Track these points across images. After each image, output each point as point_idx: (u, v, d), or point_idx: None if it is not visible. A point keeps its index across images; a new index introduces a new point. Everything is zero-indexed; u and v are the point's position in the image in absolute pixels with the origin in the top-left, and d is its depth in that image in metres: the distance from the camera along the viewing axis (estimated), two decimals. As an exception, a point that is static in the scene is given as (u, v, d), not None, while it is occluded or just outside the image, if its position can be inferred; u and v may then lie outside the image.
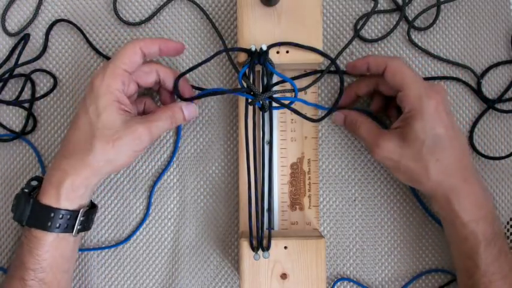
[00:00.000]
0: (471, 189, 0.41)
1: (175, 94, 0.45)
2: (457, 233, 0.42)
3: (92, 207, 0.44)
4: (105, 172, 0.41)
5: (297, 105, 0.46)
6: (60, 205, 0.40)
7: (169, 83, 0.45)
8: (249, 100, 0.43)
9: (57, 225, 0.40)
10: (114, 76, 0.40)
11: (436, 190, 0.41)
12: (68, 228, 0.41)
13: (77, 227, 0.41)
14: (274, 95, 0.43)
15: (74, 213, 0.41)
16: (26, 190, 0.42)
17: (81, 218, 0.42)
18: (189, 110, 0.44)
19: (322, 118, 0.45)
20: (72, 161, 0.40)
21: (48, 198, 0.40)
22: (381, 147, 0.42)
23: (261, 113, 0.45)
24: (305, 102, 0.46)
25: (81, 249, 0.50)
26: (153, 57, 0.43)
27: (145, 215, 0.50)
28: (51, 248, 0.41)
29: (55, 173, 0.40)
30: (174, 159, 0.50)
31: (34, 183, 0.42)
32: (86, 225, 0.43)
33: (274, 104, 0.44)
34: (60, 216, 0.40)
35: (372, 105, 0.48)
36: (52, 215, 0.40)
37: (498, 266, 0.41)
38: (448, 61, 0.50)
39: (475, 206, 0.41)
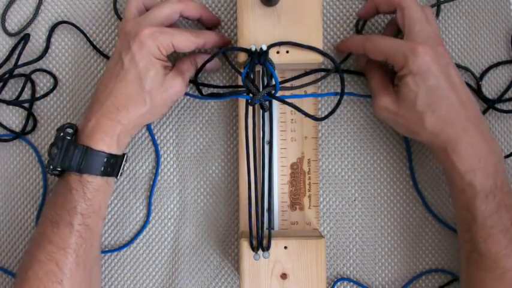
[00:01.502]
0: (471, 140, 0.40)
1: (198, 91, 0.48)
2: (455, 184, 0.42)
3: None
4: (150, 121, 0.46)
5: (298, 104, 0.46)
6: (111, 151, 0.42)
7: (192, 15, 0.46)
8: (249, 101, 0.43)
9: (108, 169, 0.42)
10: (164, 44, 0.42)
11: (434, 141, 0.41)
12: (114, 173, 0.44)
13: (121, 171, 0.44)
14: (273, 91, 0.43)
15: (120, 158, 0.44)
16: (67, 138, 0.42)
17: (124, 162, 0.45)
18: (202, 57, 0.47)
19: (324, 118, 0.44)
20: (125, 113, 0.42)
21: (101, 145, 0.42)
22: (380, 98, 0.43)
23: (261, 113, 0.45)
24: (304, 96, 0.46)
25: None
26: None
27: (147, 217, 0.50)
28: (100, 193, 0.43)
29: (108, 122, 0.42)
30: (162, 159, 0.50)
31: (70, 130, 0.42)
32: (122, 170, 0.45)
33: (276, 104, 0.44)
34: (112, 161, 0.42)
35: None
36: (105, 160, 0.42)
37: (497, 220, 0.40)
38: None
39: (474, 157, 0.40)
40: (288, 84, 0.44)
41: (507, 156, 0.49)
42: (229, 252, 0.51)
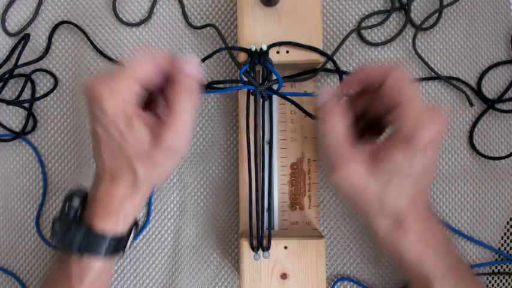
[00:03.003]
0: (419, 228, 0.37)
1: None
2: (408, 271, 0.38)
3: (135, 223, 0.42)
4: (157, 184, 0.41)
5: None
6: (116, 230, 0.38)
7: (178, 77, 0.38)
8: (250, 91, 0.43)
9: (111, 249, 0.38)
10: (127, 93, 0.36)
11: (386, 226, 0.37)
12: (119, 250, 0.39)
13: (127, 246, 0.40)
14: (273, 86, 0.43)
15: (125, 237, 0.39)
16: (71, 214, 0.38)
17: (132, 236, 0.40)
18: (189, 63, 0.37)
19: None
20: (122, 188, 0.37)
21: (104, 225, 0.37)
22: (349, 168, 0.35)
23: (261, 113, 0.44)
24: (304, 94, 0.46)
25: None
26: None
27: (147, 217, 0.50)
28: (102, 273, 0.38)
29: (110, 201, 0.37)
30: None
31: (76, 203, 0.38)
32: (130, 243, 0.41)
33: (276, 104, 0.44)
34: (115, 240, 0.38)
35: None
36: (107, 240, 0.37)
37: None
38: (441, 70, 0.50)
39: (421, 245, 0.37)
40: (288, 85, 0.44)
41: (507, 156, 0.49)
42: (229, 252, 0.51)
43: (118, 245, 0.38)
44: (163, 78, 0.38)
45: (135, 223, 0.41)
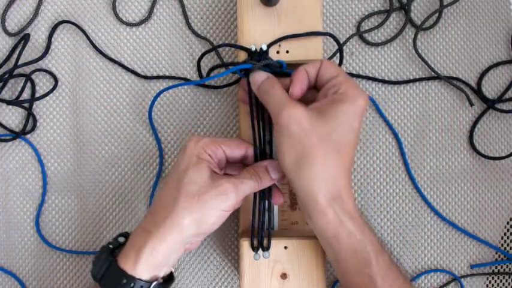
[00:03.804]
0: (351, 196, 0.38)
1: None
2: (343, 244, 0.37)
3: (167, 281, 0.39)
4: (190, 234, 0.37)
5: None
6: (135, 271, 0.36)
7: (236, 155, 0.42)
8: (249, 70, 0.42)
9: None
10: (209, 145, 0.39)
11: (320, 189, 0.37)
12: None
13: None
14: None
15: (146, 285, 0.37)
16: (111, 246, 0.39)
17: None
18: (272, 167, 0.41)
19: None
20: (155, 218, 0.37)
21: (125, 262, 0.37)
22: (293, 108, 0.37)
23: (261, 112, 0.44)
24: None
25: (83, 252, 0.50)
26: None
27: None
28: None
29: (140, 233, 0.37)
30: (165, 163, 0.50)
31: (121, 239, 0.39)
32: None
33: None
34: (132, 285, 0.36)
35: None
36: (124, 281, 0.36)
37: (393, 277, 0.38)
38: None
39: (358, 213, 0.38)
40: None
41: (507, 156, 0.49)
42: (229, 252, 0.51)
43: None
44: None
45: (169, 278, 0.40)
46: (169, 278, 0.40)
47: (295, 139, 0.37)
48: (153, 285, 0.37)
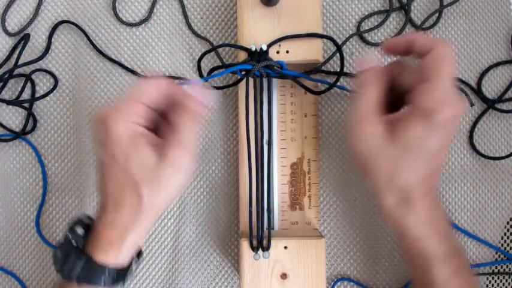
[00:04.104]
0: (427, 205, 0.37)
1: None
2: (409, 250, 0.38)
3: (138, 255, 0.40)
4: (163, 210, 0.38)
5: (298, 103, 0.46)
6: (117, 262, 0.36)
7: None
8: (249, 77, 0.43)
9: (111, 280, 0.36)
10: (133, 114, 0.36)
11: (392, 199, 0.37)
12: (119, 281, 0.37)
13: (128, 278, 0.38)
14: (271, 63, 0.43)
15: (125, 270, 0.38)
16: (73, 242, 0.37)
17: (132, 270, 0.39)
18: (194, 89, 0.38)
19: (324, 91, 0.43)
20: (126, 216, 0.36)
21: (105, 257, 0.36)
22: (368, 125, 0.36)
23: (261, 112, 0.44)
24: (305, 76, 0.45)
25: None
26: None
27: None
28: None
29: (113, 231, 0.36)
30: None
31: (80, 231, 0.37)
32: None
33: (276, 104, 0.43)
34: (115, 271, 0.37)
35: None
36: (107, 272, 0.36)
37: (455, 286, 0.37)
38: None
39: (426, 224, 0.37)
40: (288, 85, 0.44)
41: (507, 156, 0.49)
42: (229, 252, 0.51)
43: (118, 276, 0.37)
44: (166, 103, 0.38)
45: (139, 253, 0.40)
46: (139, 252, 0.40)
47: (362, 162, 0.37)
48: (133, 263, 0.38)
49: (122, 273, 0.37)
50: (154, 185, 0.35)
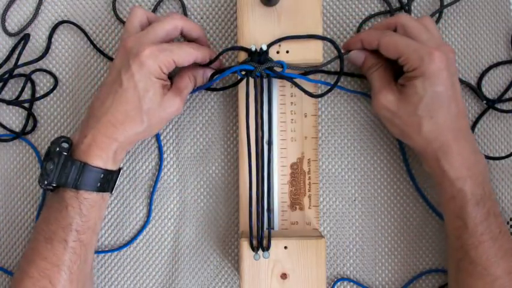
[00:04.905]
0: (461, 149, 0.41)
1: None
2: (446, 191, 0.42)
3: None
4: (146, 137, 0.48)
5: (298, 105, 0.46)
6: (107, 167, 0.42)
7: (193, 34, 0.45)
8: (249, 77, 0.43)
9: (104, 185, 0.42)
10: (165, 62, 0.41)
11: (426, 147, 0.42)
12: (110, 188, 0.44)
13: (116, 185, 0.45)
14: (272, 65, 0.43)
15: (115, 174, 0.44)
16: (64, 153, 0.41)
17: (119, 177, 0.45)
18: (207, 74, 0.46)
19: (323, 94, 0.44)
20: (122, 131, 0.42)
21: (98, 161, 0.41)
22: (382, 95, 0.43)
23: (261, 112, 0.44)
24: (304, 78, 0.45)
25: (81, 249, 0.50)
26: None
27: (148, 217, 0.50)
28: (96, 209, 0.43)
29: (104, 139, 0.41)
30: (165, 163, 0.50)
31: (65, 145, 0.42)
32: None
33: (276, 104, 0.43)
34: (108, 177, 0.42)
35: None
36: (102, 176, 0.42)
37: (487, 227, 0.41)
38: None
39: (464, 165, 0.41)
40: (288, 86, 0.44)
41: (507, 156, 0.49)
42: (229, 252, 0.51)
43: (109, 181, 0.43)
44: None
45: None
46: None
47: (388, 121, 0.44)
48: (121, 171, 0.47)
49: (111, 180, 0.43)
50: (154, 116, 0.42)
